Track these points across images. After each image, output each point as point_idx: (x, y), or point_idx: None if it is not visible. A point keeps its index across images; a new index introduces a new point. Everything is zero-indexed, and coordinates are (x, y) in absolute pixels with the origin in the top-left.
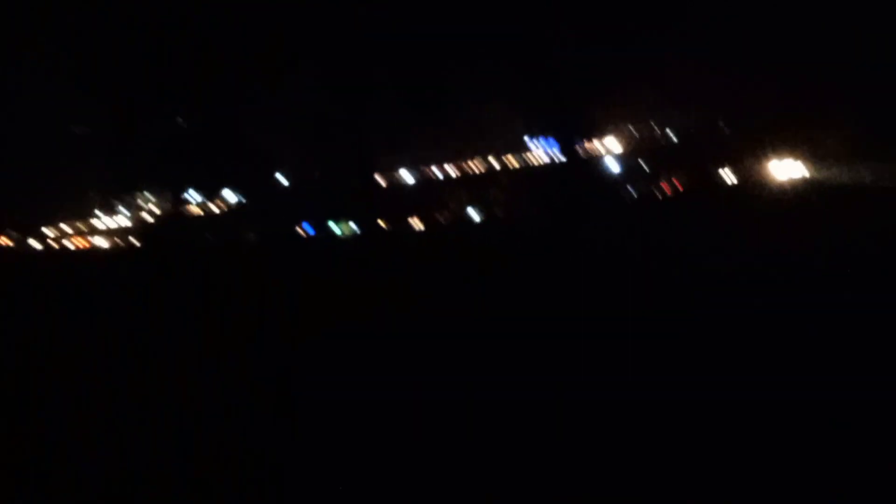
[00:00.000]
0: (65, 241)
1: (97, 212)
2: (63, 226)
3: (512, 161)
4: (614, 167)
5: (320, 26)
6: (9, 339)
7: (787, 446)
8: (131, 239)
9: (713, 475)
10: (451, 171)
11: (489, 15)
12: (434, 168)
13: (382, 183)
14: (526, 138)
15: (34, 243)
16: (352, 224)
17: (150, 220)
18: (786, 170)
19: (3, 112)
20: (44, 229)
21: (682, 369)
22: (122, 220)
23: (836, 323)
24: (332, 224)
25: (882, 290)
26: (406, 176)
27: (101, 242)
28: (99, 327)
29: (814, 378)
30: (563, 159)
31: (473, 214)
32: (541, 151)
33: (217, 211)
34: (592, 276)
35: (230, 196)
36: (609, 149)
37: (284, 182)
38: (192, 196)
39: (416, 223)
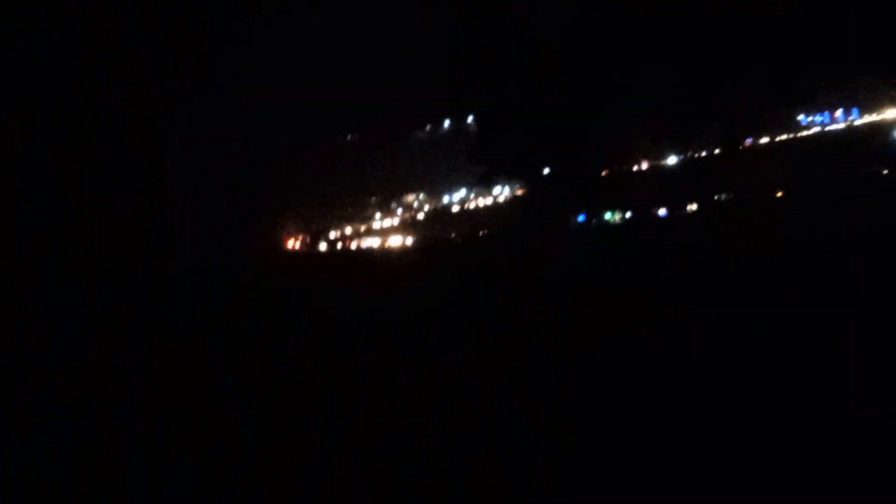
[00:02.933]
0: (349, 243)
1: (376, 213)
2: (347, 228)
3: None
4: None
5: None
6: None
7: None
8: (407, 238)
9: None
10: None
11: None
12: (703, 152)
13: (647, 168)
14: (800, 117)
15: (322, 246)
16: (625, 213)
17: (423, 218)
18: None
19: (283, 125)
20: (330, 234)
21: None
22: (396, 220)
23: None
24: (606, 214)
25: None
26: (673, 161)
27: (380, 242)
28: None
29: None
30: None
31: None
32: (816, 128)
33: (488, 205)
34: None
35: (500, 191)
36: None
37: (550, 173)
38: (462, 194)
39: (692, 207)
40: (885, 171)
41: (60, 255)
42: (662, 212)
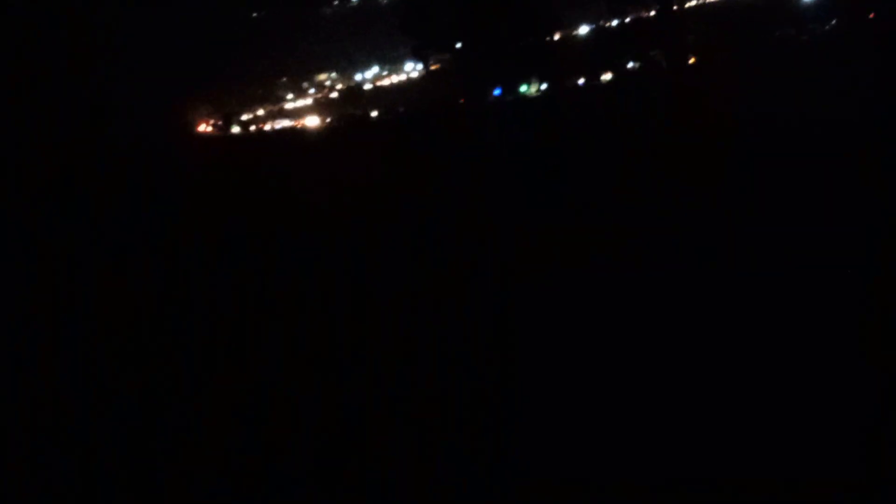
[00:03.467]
0: (262, 125)
1: (287, 94)
2: (258, 111)
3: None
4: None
5: None
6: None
7: None
8: (324, 117)
9: None
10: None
11: None
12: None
13: (560, 39)
14: None
15: (236, 129)
16: (541, 84)
17: (337, 96)
18: None
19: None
20: (242, 116)
21: None
22: (309, 100)
23: None
24: (522, 86)
25: None
26: (584, 30)
27: (293, 122)
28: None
29: None
30: None
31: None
32: None
33: (398, 82)
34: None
35: (412, 67)
36: None
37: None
38: (375, 71)
39: (607, 77)
40: (797, 33)
41: None
42: (580, 82)
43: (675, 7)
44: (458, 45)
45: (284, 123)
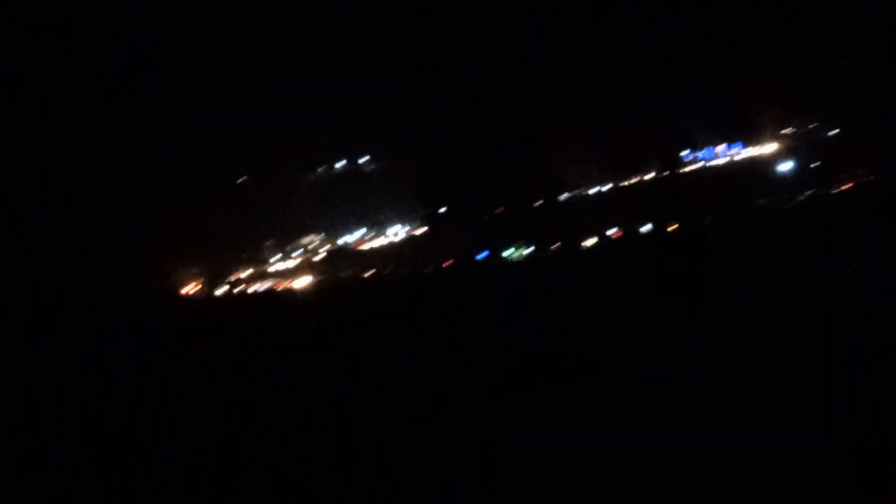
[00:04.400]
0: (248, 288)
1: (272, 257)
2: (244, 272)
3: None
4: (784, 167)
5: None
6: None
7: None
8: (309, 278)
9: None
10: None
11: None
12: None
13: (540, 204)
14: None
15: (220, 292)
16: (524, 250)
17: (322, 258)
18: None
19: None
20: (227, 278)
21: None
22: (294, 262)
23: None
24: (506, 251)
25: None
26: (565, 197)
27: (279, 285)
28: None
29: None
30: (723, 163)
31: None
32: (695, 162)
33: (384, 245)
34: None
35: (395, 231)
36: (772, 150)
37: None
38: (360, 234)
39: (589, 242)
40: (768, 202)
41: None
42: (559, 246)
43: (657, 176)
44: (444, 210)
45: (270, 285)
